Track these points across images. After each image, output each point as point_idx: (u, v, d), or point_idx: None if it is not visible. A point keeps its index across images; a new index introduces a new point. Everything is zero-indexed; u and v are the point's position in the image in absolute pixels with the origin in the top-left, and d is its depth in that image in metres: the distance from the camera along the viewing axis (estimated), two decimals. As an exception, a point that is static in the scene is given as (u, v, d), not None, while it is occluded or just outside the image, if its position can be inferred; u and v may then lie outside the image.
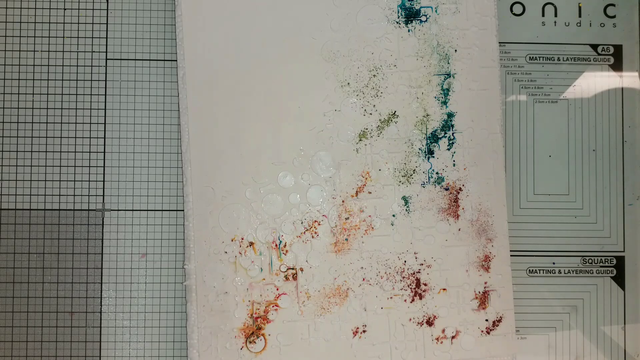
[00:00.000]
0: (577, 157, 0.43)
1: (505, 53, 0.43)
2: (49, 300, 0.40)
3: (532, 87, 0.43)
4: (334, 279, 0.39)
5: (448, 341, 0.40)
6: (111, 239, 0.40)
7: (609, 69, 0.43)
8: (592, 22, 0.43)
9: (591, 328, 0.42)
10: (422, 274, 0.40)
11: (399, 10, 0.40)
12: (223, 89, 0.39)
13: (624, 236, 0.43)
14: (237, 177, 0.39)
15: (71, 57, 0.41)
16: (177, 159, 0.41)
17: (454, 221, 0.40)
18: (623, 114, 0.43)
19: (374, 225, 0.40)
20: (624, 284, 0.42)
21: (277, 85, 0.39)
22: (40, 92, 0.40)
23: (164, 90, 0.41)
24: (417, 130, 0.40)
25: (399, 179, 0.40)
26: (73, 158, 0.40)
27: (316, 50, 0.40)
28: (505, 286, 0.40)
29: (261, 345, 0.39)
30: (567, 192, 0.43)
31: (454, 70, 0.40)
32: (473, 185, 0.40)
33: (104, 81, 0.41)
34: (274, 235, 0.39)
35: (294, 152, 0.39)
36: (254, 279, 0.39)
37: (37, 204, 0.40)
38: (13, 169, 0.40)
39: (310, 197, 0.39)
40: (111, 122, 0.41)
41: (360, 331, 0.39)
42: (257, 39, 0.39)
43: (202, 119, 0.39)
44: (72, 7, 0.41)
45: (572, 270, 0.42)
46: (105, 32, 0.41)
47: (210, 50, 0.39)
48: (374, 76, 0.40)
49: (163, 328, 0.40)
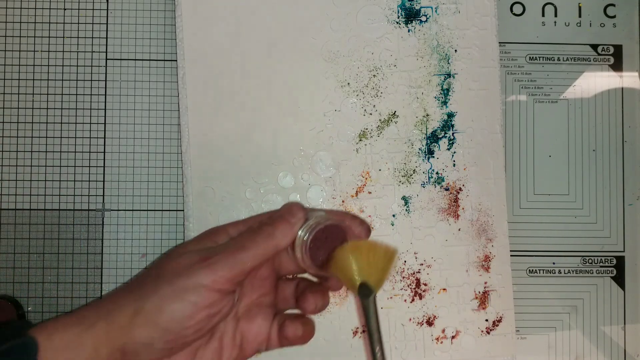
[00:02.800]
0: (577, 157, 0.43)
1: (505, 53, 0.43)
2: (49, 300, 0.40)
3: (532, 87, 0.43)
4: (334, 279, 0.39)
5: (448, 341, 0.40)
6: (111, 239, 0.40)
7: (609, 69, 0.43)
8: (592, 22, 0.43)
9: (591, 328, 0.42)
10: (422, 274, 0.40)
11: (399, 10, 0.40)
12: (223, 89, 0.39)
13: (624, 236, 0.43)
14: (237, 177, 0.39)
15: (71, 57, 0.41)
16: (177, 159, 0.41)
17: (454, 221, 0.40)
18: (623, 114, 0.43)
19: (374, 226, 0.40)
20: (624, 284, 0.42)
21: (277, 85, 0.39)
22: (40, 92, 0.40)
23: (164, 90, 0.41)
24: (417, 130, 0.40)
25: (399, 179, 0.40)
26: (73, 158, 0.40)
27: (316, 50, 0.40)
28: (505, 286, 0.40)
29: (261, 345, 0.39)
30: (567, 192, 0.43)
31: (454, 70, 0.40)
32: (473, 185, 0.40)
33: (104, 81, 0.41)
34: (274, 235, 0.39)
35: (294, 152, 0.39)
36: (254, 279, 0.39)
37: (37, 204, 0.40)
38: (13, 169, 0.40)
39: (310, 197, 0.39)
40: (111, 122, 0.41)
41: (360, 331, 0.39)
42: (257, 39, 0.39)
43: (202, 119, 0.39)
44: (72, 7, 0.41)
45: (572, 270, 0.42)
46: (105, 32, 0.41)
47: (210, 50, 0.39)
48: (374, 76, 0.40)
49: (163, 328, 0.40)
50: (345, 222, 0.33)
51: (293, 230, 0.32)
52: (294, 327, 0.33)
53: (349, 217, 0.34)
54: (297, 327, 0.33)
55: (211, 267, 0.29)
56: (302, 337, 0.33)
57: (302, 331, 0.33)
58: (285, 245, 0.32)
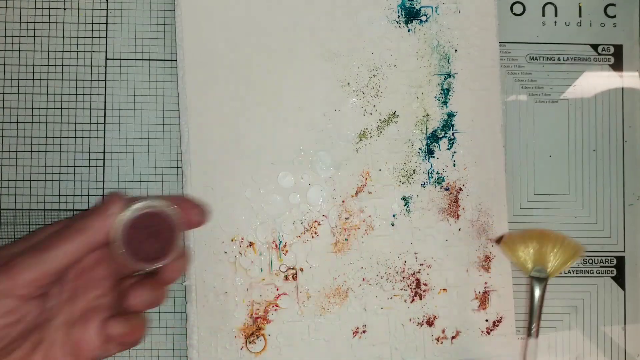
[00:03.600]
0: (577, 157, 0.43)
1: (506, 53, 0.43)
2: (48, 301, 0.40)
3: (532, 87, 0.43)
4: (334, 279, 0.39)
5: (448, 341, 0.40)
6: (111, 239, 0.40)
7: (609, 68, 0.43)
8: (592, 22, 0.43)
9: (591, 328, 0.42)
10: (422, 274, 0.40)
11: (399, 10, 0.40)
12: (223, 89, 0.39)
13: (624, 236, 0.43)
14: (237, 177, 0.39)
15: (71, 57, 0.41)
16: (177, 159, 0.41)
17: (454, 221, 0.40)
18: (623, 114, 0.43)
19: (374, 226, 0.40)
20: (624, 284, 0.42)
21: (277, 85, 0.39)
22: (40, 92, 0.40)
23: (164, 90, 0.41)
24: (417, 130, 0.40)
25: (399, 179, 0.40)
26: (73, 158, 0.40)
27: (316, 50, 0.40)
28: (505, 286, 0.40)
29: (261, 346, 0.39)
30: (567, 192, 0.42)
31: (454, 70, 0.40)
32: (473, 185, 0.40)
33: (104, 81, 0.41)
34: (273, 235, 0.39)
35: (294, 152, 0.39)
36: (254, 279, 0.39)
37: (37, 204, 0.40)
38: (13, 169, 0.40)
39: (310, 197, 0.39)
40: (111, 122, 0.41)
41: (360, 331, 0.39)
42: (257, 39, 0.39)
43: (202, 119, 0.39)
44: (72, 7, 0.41)
45: (572, 270, 0.42)
46: (105, 32, 0.41)
47: (210, 50, 0.39)
48: (374, 76, 0.40)
49: (163, 328, 0.40)
50: (176, 208, 0.30)
51: (106, 222, 0.29)
52: (117, 324, 0.29)
53: (181, 200, 0.31)
54: (120, 324, 0.29)
55: (8, 272, 0.27)
56: (128, 335, 0.30)
57: (128, 328, 0.29)
58: (99, 239, 0.29)
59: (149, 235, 0.30)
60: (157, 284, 0.31)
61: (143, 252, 0.29)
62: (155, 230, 0.30)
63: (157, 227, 0.30)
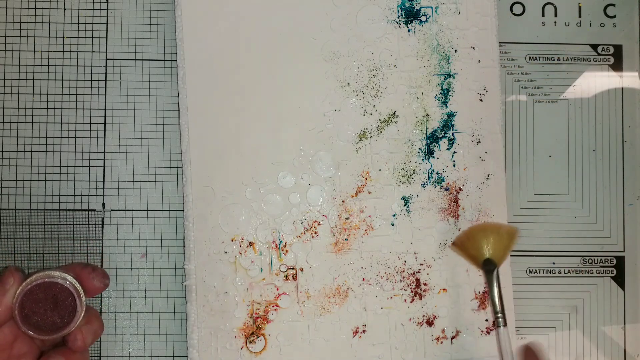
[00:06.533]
0: (577, 157, 0.43)
1: (505, 53, 0.43)
2: (49, 300, 0.40)
3: (532, 87, 0.43)
4: (334, 279, 0.39)
5: (448, 341, 0.40)
6: (111, 239, 0.40)
7: (609, 69, 0.43)
8: (592, 22, 0.43)
9: (591, 328, 0.42)
10: (422, 274, 0.40)
11: (399, 10, 0.40)
12: (223, 89, 0.39)
13: (624, 236, 0.43)
14: (237, 177, 0.39)
15: (71, 57, 0.41)
16: (177, 159, 0.41)
17: (454, 221, 0.40)
18: (623, 114, 0.43)
19: (374, 225, 0.40)
20: (624, 284, 0.42)
21: (277, 85, 0.39)
22: (40, 92, 0.40)
23: (164, 90, 0.41)
24: (417, 130, 0.40)
25: (399, 179, 0.40)
26: (73, 158, 0.40)
27: (316, 50, 0.40)
28: (505, 286, 0.40)
29: (261, 345, 0.39)
30: (567, 192, 0.43)
31: (454, 70, 0.40)
32: (473, 185, 0.40)
33: (104, 81, 0.41)
34: (274, 235, 0.39)
35: (294, 152, 0.39)
36: (254, 279, 0.39)
37: (37, 204, 0.40)
38: (13, 169, 0.40)
39: (310, 197, 0.39)
40: (111, 122, 0.41)
41: (360, 331, 0.39)
42: (257, 39, 0.39)
43: (202, 119, 0.39)
44: (72, 7, 0.41)
45: (572, 270, 0.42)
46: (105, 32, 0.41)
47: (210, 50, 0.39)
48: (374, 76, 0.40)
49: (163, 328, 0.40)
50: (73, 276, 0.31)
51: (4, 298, 0.30)
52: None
53: (80, 268, 0.33)
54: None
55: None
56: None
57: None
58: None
59: (49, 306, 0.31)
60: (69, 351, 0.32)
61: (47, 323, 0.30)
62: (54, 301, 0.31)
63: (57, 297, 0.31)
